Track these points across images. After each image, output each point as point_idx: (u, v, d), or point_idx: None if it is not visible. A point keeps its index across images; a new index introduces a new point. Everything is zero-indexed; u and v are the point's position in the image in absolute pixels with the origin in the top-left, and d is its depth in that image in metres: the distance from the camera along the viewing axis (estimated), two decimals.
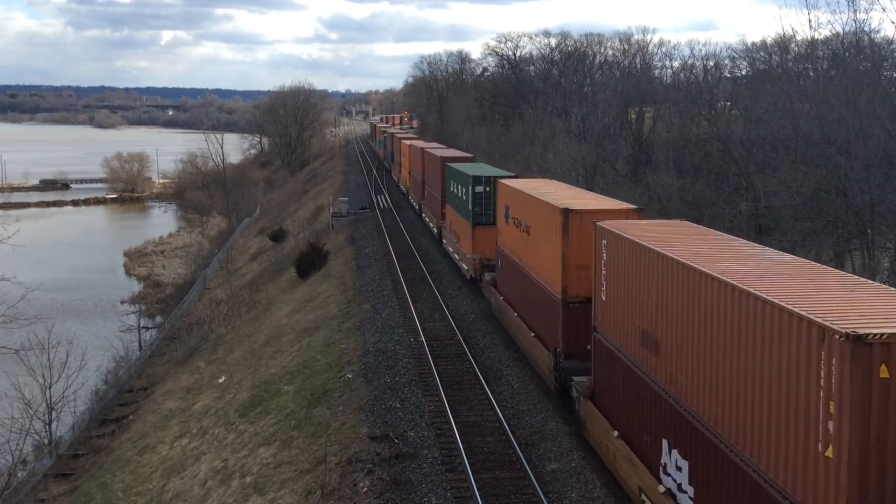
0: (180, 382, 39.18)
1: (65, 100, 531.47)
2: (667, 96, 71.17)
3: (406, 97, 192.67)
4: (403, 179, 77.20)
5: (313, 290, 45.59)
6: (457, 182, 41.74)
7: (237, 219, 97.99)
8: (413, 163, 66.30)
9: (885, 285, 13.66)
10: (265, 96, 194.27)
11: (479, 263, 36.95)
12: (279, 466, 23.13)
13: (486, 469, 20.19)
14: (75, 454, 36.44)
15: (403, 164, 76.29)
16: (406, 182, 73.93)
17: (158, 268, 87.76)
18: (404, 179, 76.28)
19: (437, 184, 49.70)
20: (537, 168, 62.89)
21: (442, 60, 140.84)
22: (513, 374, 26.75)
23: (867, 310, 11.36)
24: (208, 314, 53.93)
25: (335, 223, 62.95)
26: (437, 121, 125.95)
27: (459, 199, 40.71)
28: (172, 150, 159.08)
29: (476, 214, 37.55)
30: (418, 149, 62.49)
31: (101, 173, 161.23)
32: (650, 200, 49.76)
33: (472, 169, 41.54)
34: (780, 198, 39.27)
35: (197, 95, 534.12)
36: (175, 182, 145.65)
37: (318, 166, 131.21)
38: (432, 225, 52.99)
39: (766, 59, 72.01)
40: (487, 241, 35.80)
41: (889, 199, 34.63)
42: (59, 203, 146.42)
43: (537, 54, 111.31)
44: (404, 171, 75.58)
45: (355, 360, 29.25)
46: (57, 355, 40.84)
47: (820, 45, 55.53)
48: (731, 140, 49.65)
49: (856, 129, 36.93)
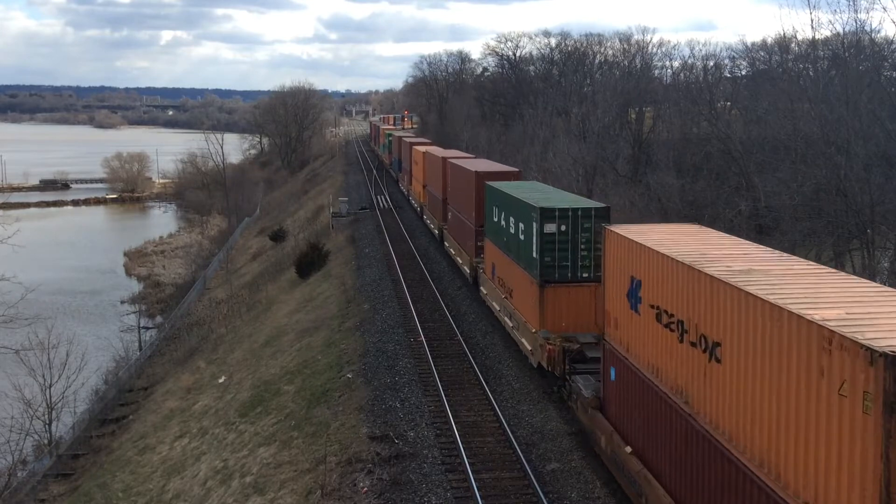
0: (180, 382, 39.17)
1: (65, 100, 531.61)
2: (667, 96, 71.22)
3: (406, 97, 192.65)
4: (415, 193, 64.26)
5: (313, 290, 45.59)
6: (506, 211, 29.36)
7: (237, 219, 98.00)
8: (430, 175, 53.67)
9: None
10: (265, 96, 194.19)
11: (559, 351, 23.28)
12: (279, 466, 23.13)
13: (486, 469, 20.18)
14: (75, 454, 36.42)
15: (415, 174, 63.77)
16: (419, 197, 60.91)
17: (158, 268, 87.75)
18: (416, 194, 63.13)
19: (468, 206, 38.09)
20: (537, 168, 62.91)
21: (442, 60, 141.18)
22: (513, 375, 26.74)
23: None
24: (208, 314, 53.95)
25: (335, 223, 62.94)
26: (437, 121, 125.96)
27: (511, 239, 28.38)
28: (172, 150, 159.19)
29: (546, 267, 24.74)
30: (438, 159, 49.38)
31: (101, 173, 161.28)
32: (650, 200, 49.79)
33: (533, 194, 28.30)
34: (780, 198, 39.29)
35: (197, 95, 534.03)
36: (175, 182, 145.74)
37: (318, 166, 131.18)
38: (460, 261, 40.55)
39: (766, 59, 72.14)
40: (567, 310, 24.65)
41: (889, 199, 34.65)
42: (59, 203, 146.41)
43: (537, 54, 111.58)
44: (416, 183, 63.13)
45: (355, 360, 29.25)
46: (57, 355, 40.84)
47: (820, 45, 55.58)
48: (731, 140, 49.67)
49: (856, 129, 36.94)
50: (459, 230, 40.78)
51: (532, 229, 25.34)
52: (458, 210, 41.22)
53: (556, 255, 24.72)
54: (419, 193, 60.81)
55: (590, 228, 24.30)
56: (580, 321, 24.20)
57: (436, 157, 50.72)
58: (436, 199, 49.93)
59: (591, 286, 24.00)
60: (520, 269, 27.00)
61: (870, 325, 10.28)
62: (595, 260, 23.72)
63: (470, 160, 46.80)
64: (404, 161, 75.64)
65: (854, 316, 10.79)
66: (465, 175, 39.15)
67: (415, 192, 64.77)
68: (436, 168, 49.99)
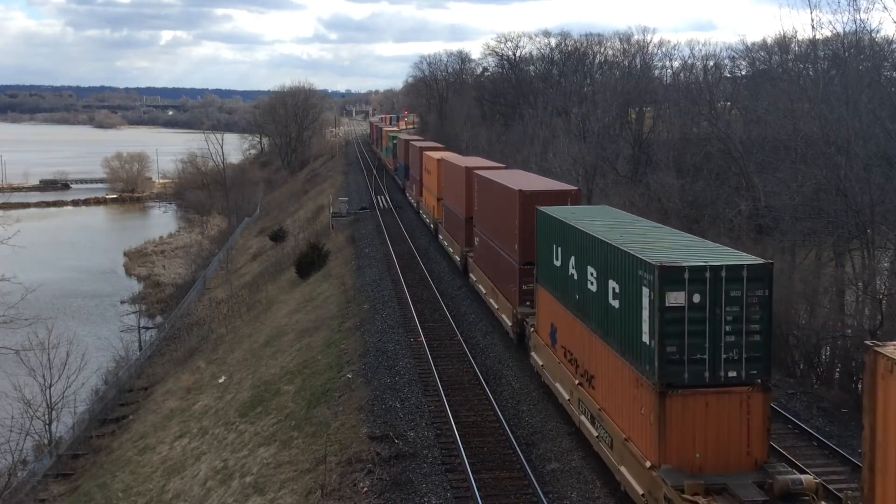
0: (180, 382, 39.17)
1: (65, 100, 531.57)
2: (667, 96, 71.16)
3: (406, 97, 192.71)
4: (427, 207, 55.53)
5: (313, 290, 45.59)
6: (579, 255, 20.72)
7: (237, 219, 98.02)
8: (448, 189, 45.20)
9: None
10: (265, 96, 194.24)
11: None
12: (279, 466, 23.13)
13: (486, 469, 20.19)
14: (75, 454, 36.43)
15: (427, 185, 55.20)
16: (432, 212, 51.89)
17: (158, 268, 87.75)
18: (429, 208, 54.09)
19: (506, 235, 29.41)
20: (537, 168, 62.88)
21: (442, 60, 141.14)
22: (513, 374, 26.74)
23: None
24: (208, 314, 53.96)
25: (335, 223, 62.95)
26: (437, 121, 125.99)
27: (592, 300, 19.72)
28: (172, 150, 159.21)
29: (669, 362, 15.98)
30: (460, 169, 40.28)
31: (101, 173, 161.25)
32: (650, 200, 49.78)
33: (628, 236, 19.26)
34: (780, 198, 39.27)
35: (197, 95, 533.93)
36: (175, 182, 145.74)
37: (318, 166, 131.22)
38: (496, 305, 31.71)
39: (766, 59, 72.09)
40: (706, 433, 15.95)
41: (889, 199, 34.63)
42: (59, 203, 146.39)
43: (537, 54, 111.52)
44: (428, 195, 54.47)
45: (355, 360, 29.25)
46: (57, 355, 40.82)
47: (820, 45, 55.55)
48: (731, 140, 49.65)
49: (856, 129, 36.91)
50: (493, 263, 32.09)
51: (640, 297, 16.56)
52: (491, 236, 32.39)
53: (685, 343, 15.90)
54: (432, 208, 51.63)
55: (740, 298, 15.90)
56: (727, 451, 15.86)
57: (457, 168, 41.85)
58: (456, 217, 41.33)
59: (741, 392, 15.93)
60: (612, 355, 18.24)
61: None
62: (750, 345, 16.03)
63: (503, 173, 36.87)
64: (413, 168, 67.11)
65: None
66: (502, 194, 30.32)
67: (426, 206, 55.66)
68: (456, 180, 41.26)
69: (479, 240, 35.05)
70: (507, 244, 29.27)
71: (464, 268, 39.65)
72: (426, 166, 55.42)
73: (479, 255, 35.58)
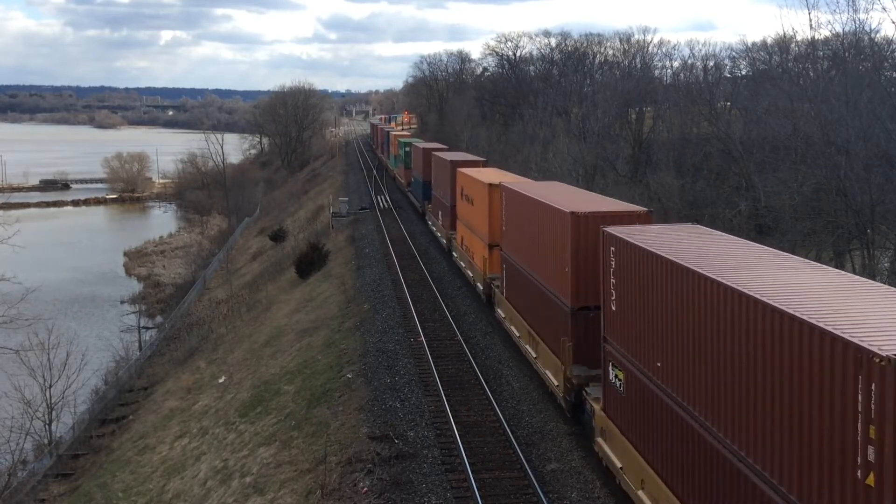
0: (180, 382, 39.19)
1: (65, 100, 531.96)
2: (667, 96, 71.19)
3: (406, 97, 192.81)
4: (471, 254, 37.18)
5: (313, 291, 45.59)
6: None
7: (237, 219, 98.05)
8: (516, 229, 27.51)
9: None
10: (265, 96, 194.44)
11: None
12: (279, 466, 23.13)
13: (486, 469, 20.18)
14: (75, 454, 36.45)
15: (473, 221, 36.33)
16: (481, 264, 34.32)
17: (158, 268, 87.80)
18: (476, 257, 35.92)
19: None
20: (537, 168, 62.88)
21: (442, 60, 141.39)
22: (512, 374, 26.74)
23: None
24: (208, 314, 53.97)
25: (335, 223, 62.95)
26: (437, 121, 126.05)
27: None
28: (172, 150, 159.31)
29: None
30: (531, 201, 25.21)
31: (101, 173, 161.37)
32: (650, 200, 49.80)
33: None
34: (780, 198, 39.30)
35: (197, 95, 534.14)
36: (175, 182, 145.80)
37: (318, 166, 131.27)
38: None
39: (766, 59, 72.12)
40: None
41: (889, 199, 34.64)
42: (59, 203, 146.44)
43: (537, 54, 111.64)
44: (475, 241, 36.07)
45: (355, 360, 29.24)
46: (57, 355, 40.86)
47: (820, 45, 55.59)
48: (731, 140, 49.69)
49: (856, 129, 36.93)
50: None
51: None
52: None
53: None
54: (483, 259, 33.88)
55: None
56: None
57: (526, 199, 26.11)
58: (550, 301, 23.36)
59: None
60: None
61: None
62: None
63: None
64: (439, 187, 49.22)
65: None
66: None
67: (470, 250, 37.68)
68: (530, 218, 25.62)
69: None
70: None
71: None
72: (465, 191, 38.27)
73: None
